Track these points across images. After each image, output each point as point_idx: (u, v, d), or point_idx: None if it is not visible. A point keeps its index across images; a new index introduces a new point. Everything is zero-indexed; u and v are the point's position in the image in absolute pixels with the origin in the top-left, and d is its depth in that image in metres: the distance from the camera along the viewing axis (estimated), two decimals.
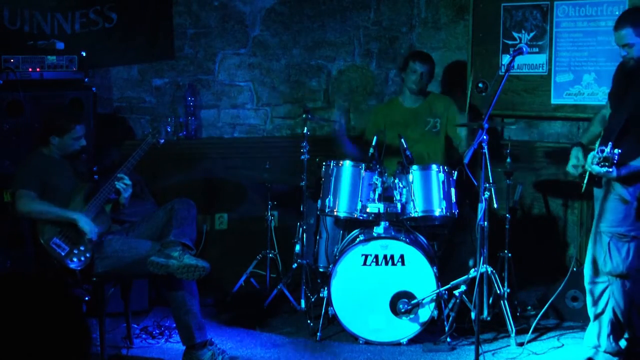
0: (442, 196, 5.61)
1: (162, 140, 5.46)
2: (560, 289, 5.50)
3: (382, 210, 5.58)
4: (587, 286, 5.10)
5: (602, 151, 4.51)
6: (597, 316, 5.06)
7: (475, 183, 5.21)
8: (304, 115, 6.10)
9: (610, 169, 4.57)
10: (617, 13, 5.91)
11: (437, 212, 5.60)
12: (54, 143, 5.14)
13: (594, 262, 5.03)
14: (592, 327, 5.18)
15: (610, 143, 4.54)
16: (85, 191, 5.19)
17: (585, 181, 5.02)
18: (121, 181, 5.19)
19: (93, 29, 6.38)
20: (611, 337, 5.02)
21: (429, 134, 6.28)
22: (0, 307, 1.49)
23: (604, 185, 4.96)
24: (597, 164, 4.55)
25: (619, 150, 4.51)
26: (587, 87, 6.20)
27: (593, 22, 6.09)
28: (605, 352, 5.03)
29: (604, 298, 5.01)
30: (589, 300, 5.12)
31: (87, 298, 5.08)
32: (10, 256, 5.48)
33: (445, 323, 5.48)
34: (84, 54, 5.99)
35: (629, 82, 4.95)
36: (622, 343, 5.09)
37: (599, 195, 5.03)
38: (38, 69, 5.82)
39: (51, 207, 5.01)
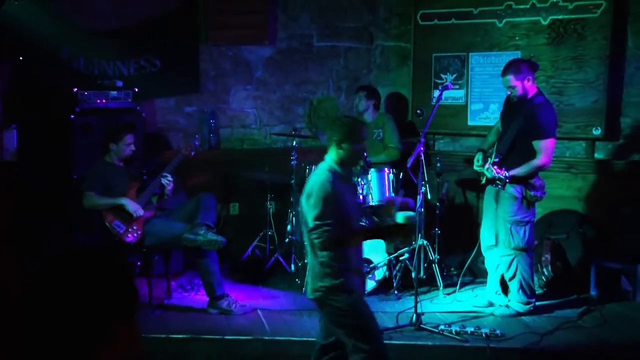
0: (391, 190, 5.58)
1: (193, 153, 5.47)
2: (472, 255, 5.49)
3: None
4: (486, 254, 5.21)
5: (499, 173, 4.61)
6: (511, 279, 5.07)
7: (415, 181, 5.23)
8: (293, 133, 6.09)
9: (502, 188, 4.69)
10: None
11: None
12: (112, 149, 5.15)
13: (496, 240, 5.07)
14: (493, 281, 5.22)
15: (504, 167, 4.64)
16: (137, 187, 5.22)
17: (484, 180, 5.05)
18: (165, 178, 5.21)
19: (143, 71, 6.32)
20: (520, 291, 5.05)
21: (375, 141, 6.15)
22: (78, 273, 1.49)
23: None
24: (492, 180, 4.66)
25: (508, 174, 4.61)
26: (493, 113, 6.13)
27: (496, 67, 5.88)
28: (517, 302, 5.05)
29: (513, 266, 5.02)
30: (492, 266, 5.18)
31: (139, 264, 5.11)
32: (83, 235, 5.46)
33: (394, 280, 5.52)
34: (137, 90, 6.00)
35: (514, 113, 4.97)
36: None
37: (494, 191, 5.04)
38: (104, 100, 5.83)
39: (106, 199, 5.04)
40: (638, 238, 5.48)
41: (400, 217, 3.61)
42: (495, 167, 4.75)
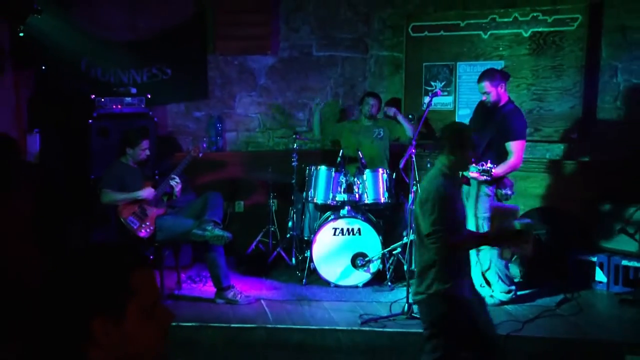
0: (385, 189, 5.63)
1: (201, 154, 5.53)
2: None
3: (346, 199, 5.62)
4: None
5: (483, 165, 4.63)
6: (486, 271, 5.14)
7: (407, 180, 5.28)
8: (294, 136, 6.14)
9: (489, 178, 4.70)
10: None
11: (382, 200, 5.62)
12: (129, 153, 5.20)
13: None
14: (475, 275, 5.19)
15: (489, 160, 4.63)
16: (149, 187, 5.25)
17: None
18: (173, 180, 5.25)
19: (155, 79, 6.39)
20: (500, 281, 5.12)
21: (376, 140, 6.19)
22: (101, 265, 1.50)
23: (473, 185, 5.04)
24: (477, 173, 4.56)
25: (492, 166, 4.63)
26: None
27: None
28: (500, 292, 5.11)
29: (487, 259, 5.11)
30: (472, 262, 5.11)
31: (151, 257, 5.16)
32: (100, 231, 5.54)
33: (387, 273, 5.56)
34: (149, 96, 6.06)
35: (488, 117, 5.05)
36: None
37: (466, 190, 5.08)
38: (119, 106, 5.88)
39: (122, 194, 5.08)
40: (611, 233, 5.59)
41: (518, 224, 3.44)
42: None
